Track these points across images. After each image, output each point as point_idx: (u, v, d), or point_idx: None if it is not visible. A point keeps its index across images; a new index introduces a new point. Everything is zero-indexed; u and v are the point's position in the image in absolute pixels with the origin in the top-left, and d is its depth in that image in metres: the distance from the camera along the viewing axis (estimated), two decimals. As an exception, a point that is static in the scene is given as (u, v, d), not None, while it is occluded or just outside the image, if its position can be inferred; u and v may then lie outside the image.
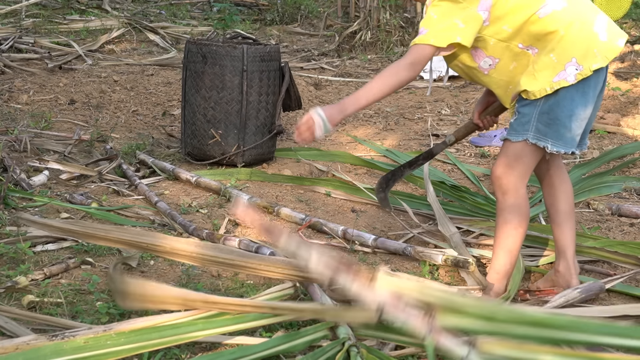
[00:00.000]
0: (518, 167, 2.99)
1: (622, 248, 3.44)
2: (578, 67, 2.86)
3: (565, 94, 2.87)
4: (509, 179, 3.00)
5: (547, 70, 2.88)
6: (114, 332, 2.41)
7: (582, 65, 2.86)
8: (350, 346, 2.55)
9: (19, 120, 5.50)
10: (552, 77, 2.87)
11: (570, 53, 2.86)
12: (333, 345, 2.56)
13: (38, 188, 4.27)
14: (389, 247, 3.60)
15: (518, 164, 2.99)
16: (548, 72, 2.88)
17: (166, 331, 2.45)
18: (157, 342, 2.41)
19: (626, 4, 6.06)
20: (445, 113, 6.36)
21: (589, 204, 4.25)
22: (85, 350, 2.27)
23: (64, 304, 2.93)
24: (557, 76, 2.86)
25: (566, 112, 2.88)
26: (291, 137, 5.55)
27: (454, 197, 4.25)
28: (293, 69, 7.05)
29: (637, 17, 10.02)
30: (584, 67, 2.86)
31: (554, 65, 2.87)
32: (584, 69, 2.86)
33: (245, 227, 3.91)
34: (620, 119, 6.02)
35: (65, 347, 2.26)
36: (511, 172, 3.00)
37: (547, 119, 2.89)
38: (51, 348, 2.25)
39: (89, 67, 7.18)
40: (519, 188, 3.01)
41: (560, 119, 2.89)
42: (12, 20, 8.73)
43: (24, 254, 3.35)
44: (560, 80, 2.86)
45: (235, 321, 2.56)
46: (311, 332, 2.59)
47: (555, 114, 2.88)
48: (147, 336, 2.41)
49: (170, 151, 5.12)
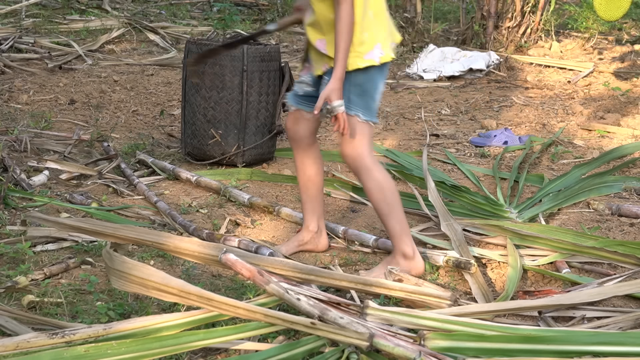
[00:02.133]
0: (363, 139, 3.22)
1: (622, 248, 3.44)
2: (382, 52, 3.19)
3: (373, 71, 3.18)
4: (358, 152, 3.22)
5: (361, 47, 3.14)
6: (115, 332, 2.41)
7: (384, 51, 3.20)
8: (350, 353, 2.56)
9: (19, 120, 5.50)
10: (364, 54, 3.16)
11: (378, 36, 3.18)
12: (333, 353, 2.57)
13: (38, 188, 4.27)
14: (389, 247, 3.60)
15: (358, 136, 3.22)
16: (362, 49, 3.15)
17: (167, 340, 2.46)
18: (157, 352, 2.41)
19: (626, 4, 6.06)
20: (445, 113, 6.36)
21: (589, 204, 4.25)
22: (85, 358, 2.27)
23: (64, 304, 2.93)
24: (367, 54, 3.16)
25: (374, 85, 3.20)
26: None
27: (454, 197, 4.25)
28: (293, 68, 7.04)
29: (637, 17, 10.02)
30: (385, 53, 3.20)
31: (367, 44, 3.16)
32: (386, 55, 3.20)
33: (245, 227, 3.91)
34: (620, 119, 6.02)
35: (65, 355, 2.26)
36: (363, 144, 3.23)
37: (360, 90, 3.18)
38: (51, 355, 2.25)
39: (89, 67, 7.18)
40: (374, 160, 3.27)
41: (369, 92, 3.20)
42: (12, 20, 8.73)
43: (24, 254, 3.35)
44: (371, 59, 3.16)
45: (236, 331, 2.59)
46: (312, 340, 2.59)
47: (365, 87, 3.18)
48: (148, 345, 2.41)
49: (170, 151, 5.12)
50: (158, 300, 3.01)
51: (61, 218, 3.36)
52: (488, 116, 6.26)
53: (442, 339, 2.50)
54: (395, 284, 2.94)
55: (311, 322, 2.55)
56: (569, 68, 7.72)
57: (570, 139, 5.56)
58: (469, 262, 3.31)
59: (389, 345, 2.48)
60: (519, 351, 2.29)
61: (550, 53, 8.28)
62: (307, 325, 2.57)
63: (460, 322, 2.62)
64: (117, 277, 2.66)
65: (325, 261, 3.55)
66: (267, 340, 2.69)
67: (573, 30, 9.12)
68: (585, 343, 2.21)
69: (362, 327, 2.56)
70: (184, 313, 2.65)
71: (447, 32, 9.02)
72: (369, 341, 2.51)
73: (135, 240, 2.91)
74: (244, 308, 2.58)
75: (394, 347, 2.46)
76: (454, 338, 2.48)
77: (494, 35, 8.40)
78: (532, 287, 3.34)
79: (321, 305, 2.65)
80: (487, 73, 7.55)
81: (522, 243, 3.60)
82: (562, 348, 2.23)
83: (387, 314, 2.68)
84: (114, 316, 2.83)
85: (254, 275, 2.74)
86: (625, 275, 3.25)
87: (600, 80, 7.30)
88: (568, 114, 6.28)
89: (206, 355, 2.65)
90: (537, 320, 2.92)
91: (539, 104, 6.60)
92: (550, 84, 7.26)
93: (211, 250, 2.84)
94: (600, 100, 6.64)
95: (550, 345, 2.25)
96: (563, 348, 2.23)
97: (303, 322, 2.58)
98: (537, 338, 2.32)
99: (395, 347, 2.46)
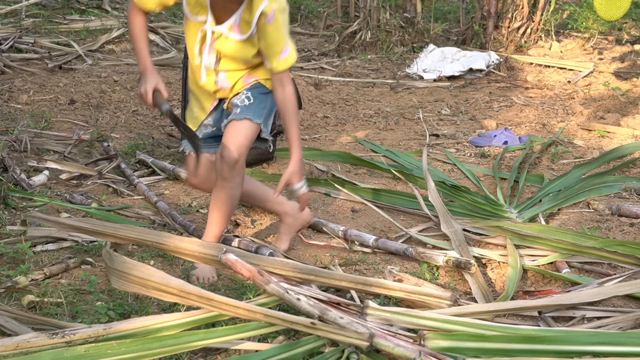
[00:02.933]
0: (249, 146, 3.32)
1: (622, 248, 3.44)
2: None
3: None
4: (243, 159, 3.29)
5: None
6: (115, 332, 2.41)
7: None
8: (350, 353, 2.56)
9: (19, 120, 5.50)
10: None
11: None
12: (333, 353, 2.57)
13: (38, 188, 4.27)
14: (389, 247, 3.60)
15: (250, 144, 3.32)
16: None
17: (167, 340, 2.46)
18: (157, 352, 2.41)
19: (626, 4, 6.06)
20: (445, 113, 6.36)
21: (589, 204, 4.25)
22: (85, 358, 2.27)
23: (64, 304, 2.93)
24: None
25: (274, 106, 3.36)
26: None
27: (454, 197, 4.25)
28: (293, 68, 7.04)
29: (637, 17, 10.02)
30: None
31: None
32: None
33: (245, 227, 3.91)
34: (620, 119, 6.02)
35: (66, 355, 2.26)
36: (246, 152, 3.31)
37: (272, 107, 3.35)
38: (51, 355, 2.25)
39: (89, 67, 7.17)
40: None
41: (273, 110, 3.38)
42: (12, 20, 8.72)
43: (24, 254, 3.35)
44: None
45: (236, 331, 2.59)
46: (312, 340, 2.59)
47: (272, 105, 3.35)
48: (148, 345, 2.41)
49: (170, 151, 5.12)
50: (158, 300, 3.01)
51: (61, 218, 3.36)
52: (488, 116, 6.26)
53: (442, 339, 2.50)
54: (395, 284, 2.94)
55: (311, 322, 2.55)
56: (569, 68, 7.72)
57: (570, 139, 5.56)
58: (469, 262, 3.31)
59: (389, 345, 2.48)
60: (519, 351, 2.29)
61: (550, 53, 8.28)
62: (307, 325, 2.57)
63: (460, 322, 2.62)
64: (117, 277, 2.66)
65: (325, 261, 3.55)
66: (267, 341, 2.69)
67: (573, 30, 9.12)
68: (585, 343, 2.20)
69: (362, 327, 2.56)
70: (184, 313, 2.65)
71: (447, 32, 9.02)
72: (369, 341, 2.51)
73: (136, 240, 2.91)
74: (244, 308, 2.59)
75: (394, 347, 2.46)
76: (454, 338, 2.48)
77: (494, 35, 8.40)
78: (532, 287, 3.34)
79: (321, 305, 2.65)
80: (487, 73, 7.55)
81: (522, 243, 3.60)
82: (562, 348, 2.23)
83: (387, 314, 2.68)
84: (114, 316, 2.83)
85: (254, 275, 2.74)
86: (625, 275, 3.25)
87: (600, 80, 7.30)
88: (568, 114, 6.28)
89: (206, 355, 2.65)
90: (537, 320, 2.92)
91: (539, 104, 6.60)
92: (550, 84, 7.26)
93: (211, 250, 2.85)
94: (600, 100, 6.64)
95: (550, 345, 2.25)
96: (563, 348, 2.23)
97: (303, 322, 2.58)
98: (537, 338, 2.32)
99: (395, 347, 2.46)
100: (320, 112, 6.24)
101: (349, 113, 6.31)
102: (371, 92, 7.01)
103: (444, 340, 2.50)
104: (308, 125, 5.92)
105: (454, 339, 2.48)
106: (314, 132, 5.79)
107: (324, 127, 5.93)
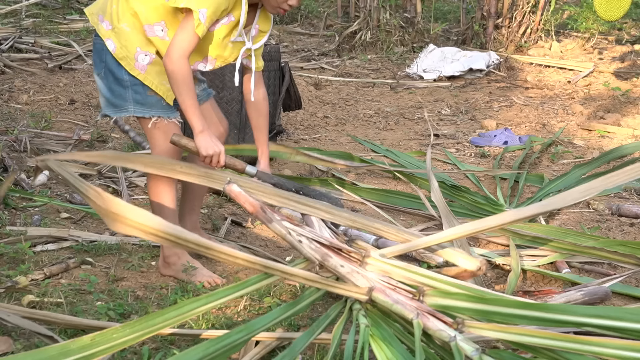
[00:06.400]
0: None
1: (622, 248, 3.44)
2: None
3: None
4: None
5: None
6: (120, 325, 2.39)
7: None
8: (353, 303, 2.57)
9: (19, 120, 5.50)
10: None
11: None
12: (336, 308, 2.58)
13: (38, 188, 4.27)
14: (388, 246, 3.59)
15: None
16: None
17: (170, 313, 2.38)
18: (161, 325, 2.36)
19: (626, 4, 6.06)
20: (445, 113, 6.36)
21: (589, 204, 4.25)
22: (92, 347, 2.24)
23: (64, 304, 2.93)
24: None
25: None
26: (291, 137, 5.55)
27: (454, 197, 4.25)
28: (293, 68, 7.05)
29: (637, 17, 10.02)
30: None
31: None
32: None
33: (246, 227, 3.91)
34: (620, 119, 6.02)
35: (72, 347, 2.23)
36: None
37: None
38: (57, 349, 2.23)
39: (89, 67, 7.17)
40: None
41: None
42: (12, 20, 8.72)
43: (24, 254, 3.35)
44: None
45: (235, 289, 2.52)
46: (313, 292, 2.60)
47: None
48: (151, 322, 2.35)
49: (170, 151, 5.11)
50: (158, 300, 3.01)
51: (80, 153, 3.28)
52: (488, 116, 6.26)
53: (442, 297, 2.47)
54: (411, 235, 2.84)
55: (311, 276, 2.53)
56: (569, 68, 7.73)
57: (570, 139, 5.56)
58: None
59: (387, 301, 2.48)
60: (517, 316, 2.26)
61: (550, 53, 8.28)
62: (307, 279, 2.55)
63: (460, 284, 2.58)
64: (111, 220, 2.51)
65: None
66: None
67: (573, 30, 9.12)
68: (585, 315, 2.17)
69: (361, 278, 2.53)
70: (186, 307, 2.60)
71: (447, 32, 9.02)
72: (368, 295, 2.50)
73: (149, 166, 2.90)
74: (242, 258, 2.51)
75: (393, 304, 2.46)
76: (454, 297, 2.45)
77: (494, 35, 8.40)
78: (532, 287, 3.34)
79: (322, 251, 2.62)
80: (487, 73, 7.55)
81: (522, 243, 3.60)
82: (560, 317, 2.19)
83: (388, 267, 2.65)
84: (114, 316, 2.83)
85: (257, 210, 2.66)
86: (625, 275, 3.25)
87: (600, 80, 7.31)
88: (568, 114, 6.28)
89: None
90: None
91: (539, 104, 6.60)
92: (550, 84, 7.27)
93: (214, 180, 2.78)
94: (600, 100, 6.64)
95: (549, 313, 2.21)
96: (562, 318, 2.19)
97: (302, 274, 2.56)
98: (537, 305, 2.28)
99: (394, 304, 2.45)
100: (320, 112, 6.24)
101: (349, 113, 6.31)
102: (371, 92, 7.01)
103: (443, 299, 2.46)
104: (308, 125, 5.92)
105: (453, 298, 2.44)
106: (314, 132, 5.79)
107: (324, 127, 5.93)
